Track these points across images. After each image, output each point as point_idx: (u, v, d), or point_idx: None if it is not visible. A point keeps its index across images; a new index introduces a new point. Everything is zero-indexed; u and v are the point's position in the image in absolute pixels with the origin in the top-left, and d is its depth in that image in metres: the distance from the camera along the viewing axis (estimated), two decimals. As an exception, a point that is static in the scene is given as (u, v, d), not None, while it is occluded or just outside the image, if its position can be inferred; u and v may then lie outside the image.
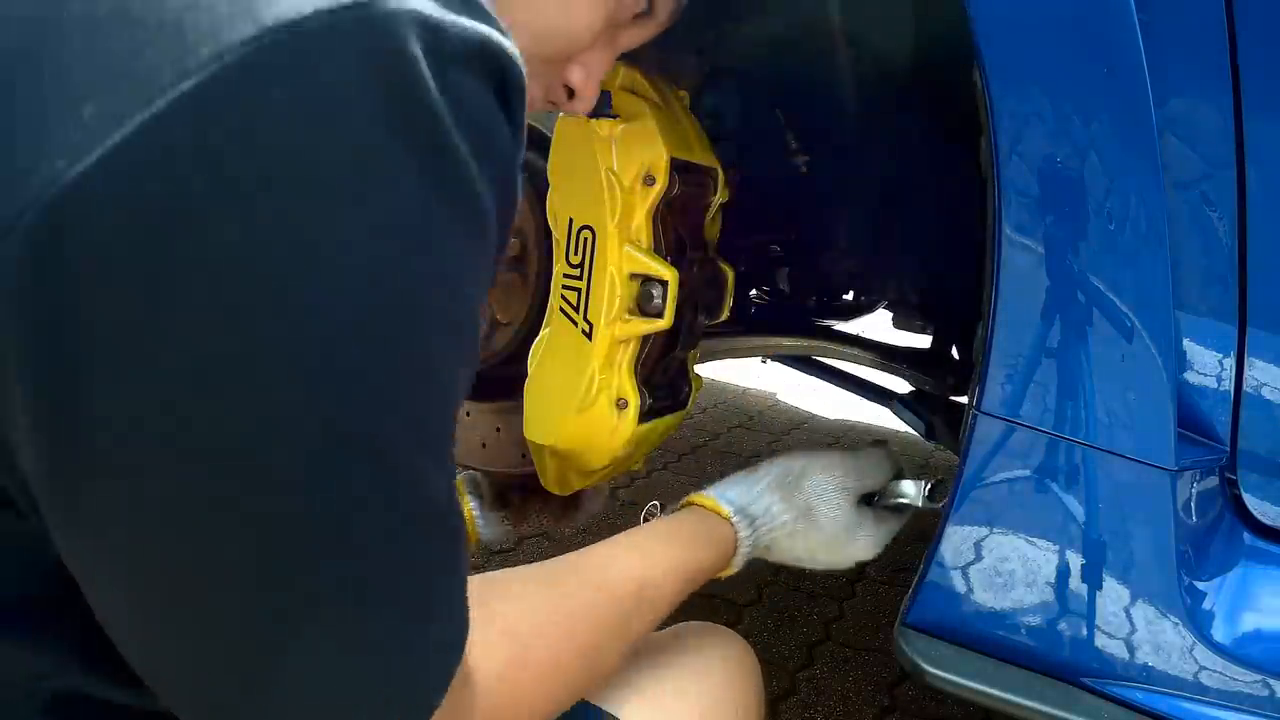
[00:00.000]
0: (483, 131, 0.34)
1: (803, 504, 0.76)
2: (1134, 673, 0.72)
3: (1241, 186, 0.70)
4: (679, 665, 0.69)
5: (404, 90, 0.31)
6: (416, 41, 0.31)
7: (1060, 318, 0.69)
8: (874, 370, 1.36)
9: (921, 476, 0.80)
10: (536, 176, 0.86)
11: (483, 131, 0.34)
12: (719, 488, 0.77)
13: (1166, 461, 0.68)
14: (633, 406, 0.81)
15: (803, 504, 0.76)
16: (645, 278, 0.79)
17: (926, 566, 0.78)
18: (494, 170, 0.35)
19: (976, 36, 0.67)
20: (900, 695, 1.37)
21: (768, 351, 1.40)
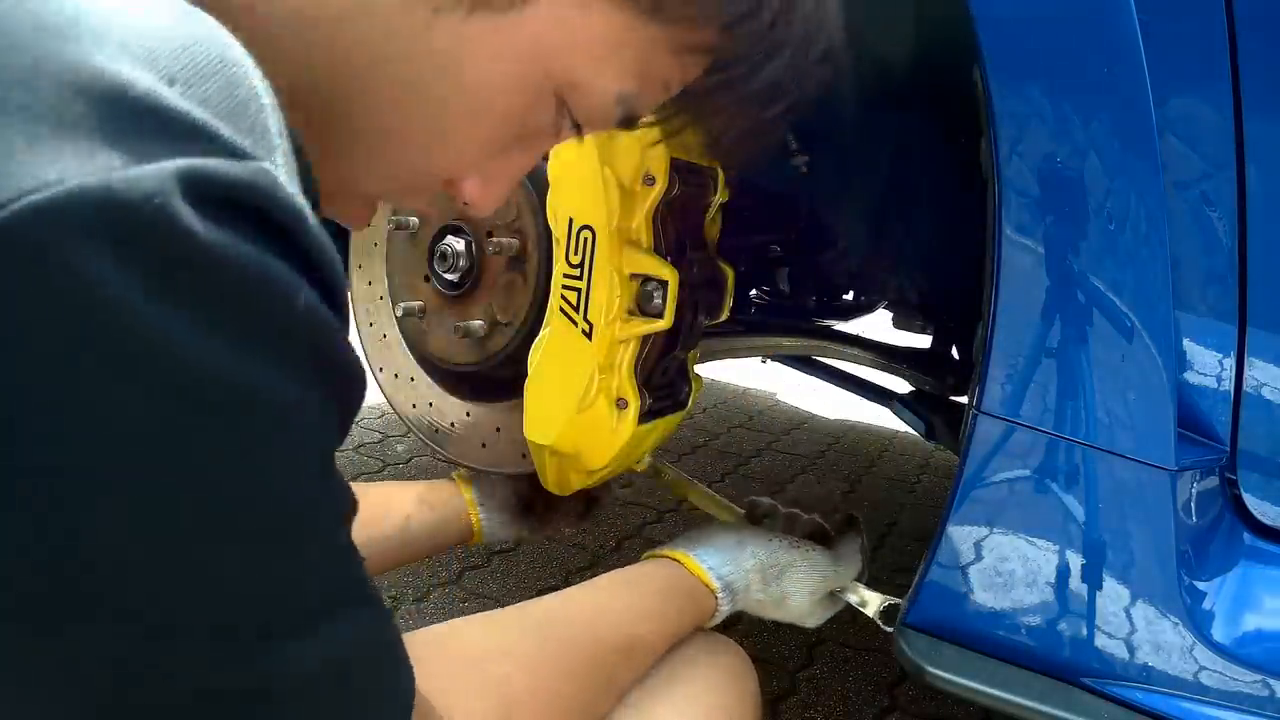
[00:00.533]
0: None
1: (778, 593, 0.82)
2: (1134, 673, 0.72)
3: (1241, 186, 0.70)
4: (672, 675, 0.69)
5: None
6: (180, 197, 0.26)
7: (1060, 318, 0.69)
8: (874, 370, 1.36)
9: (882, 590, 0.86)
10: (536, 176, 0.86)
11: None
12: (703, 552, 0.81)
13: (1166, 461, 0.68)
14: (633, 406, 0.81)
15: (778, 593, 0.82)
16: (645, 278, 0.79)
17: (926, 566, 0.78)
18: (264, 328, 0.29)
19: (978, 36, 0.67)
20: (900, 695, 1.37)
21: (768, 351, 1.40)
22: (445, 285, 0.92)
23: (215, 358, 0.27)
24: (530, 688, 0.54)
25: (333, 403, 0.32)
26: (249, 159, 0.28)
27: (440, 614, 1.46)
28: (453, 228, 0.91)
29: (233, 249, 0.27)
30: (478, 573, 1.61)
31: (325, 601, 0.33)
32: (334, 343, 0.31)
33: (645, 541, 1.81)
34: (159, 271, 0.26)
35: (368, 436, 2.30)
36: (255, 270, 0.27)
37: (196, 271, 0.26)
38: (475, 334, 0.89)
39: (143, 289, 0.25)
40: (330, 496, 0.34)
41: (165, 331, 0.26)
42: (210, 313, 0.27)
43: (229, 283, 0.27)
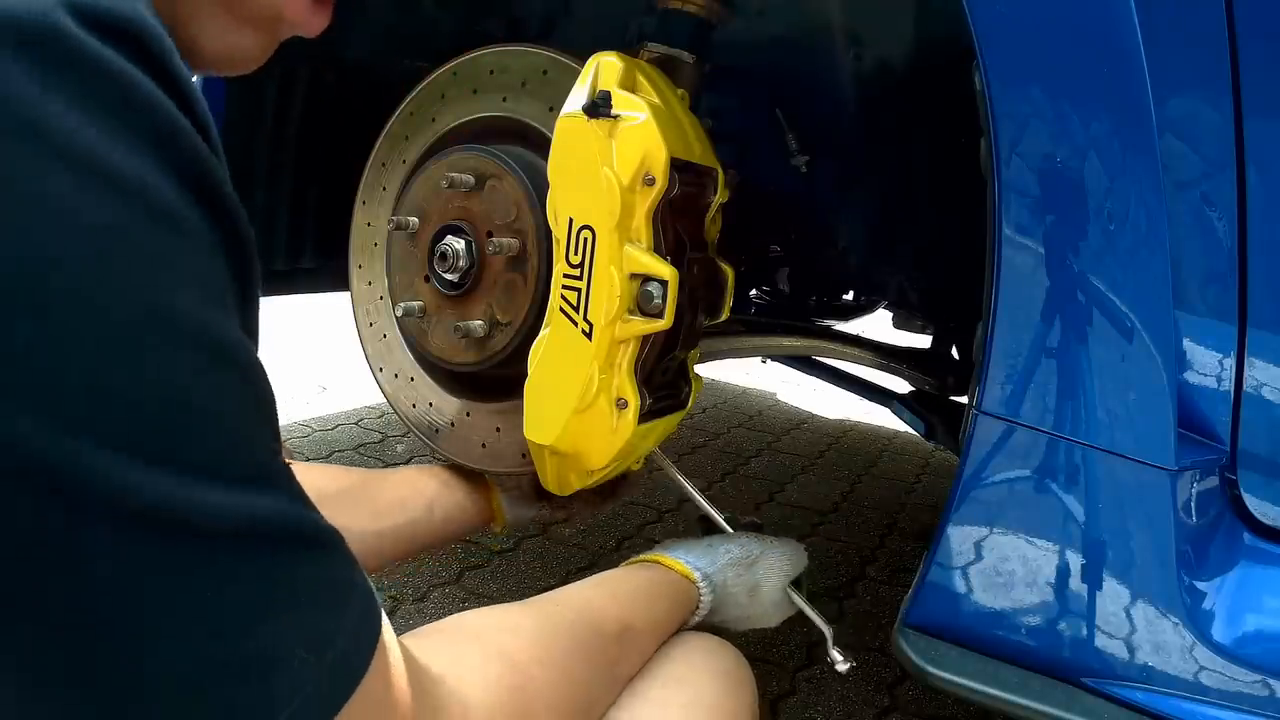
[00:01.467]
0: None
1: (752, 582, 0.87)
2: (1134, 673, 0.72)
3: (1241, 186, 0.70)
4: (670, 678, 0.69)
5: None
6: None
7: (1060, 318, 0.69)
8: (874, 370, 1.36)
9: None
10: (536, 176, 0.86)
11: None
12: (680, 553, 0.85)
13: (1166, 461, 0.68)
14: (633, 406, 0.81)
15: (752, 582, 0.87)
16: (645, 277, 0.79)
17: (926, 566, 0.78)
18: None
19: (976, 37, 0.67)
20: (900, 695, 1.37)
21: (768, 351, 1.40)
22: (445, 285, 0.92)
23: (102, 148, 0.29)
24: (537, 659, 0.54)
25: (217, 235, 0.33)
26: None
27: (440, 614, 1.46)
28: (453, 228, 0.91)
29: (112, 57, 0.30)
30: (478, 573, 1.61)
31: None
32: (213, 169, 0.32)
33: (645, 541, 1.81)
34: (51, 68, 0.28)
35: (368, 437, 2.30)
36: (132, 79, 0.30)
37: (77, 65, 0.29)
38: (475, 334, 0.89)
39: (37, 81, 0.28)
40: (223, 330, 0.32)
41: (53, 115, 0.28)
42: (88, 99, 0.29)
43: (107, 79, 0.29)
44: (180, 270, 0.31)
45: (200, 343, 0.31)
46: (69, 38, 0.28)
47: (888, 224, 1.39)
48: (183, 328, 0.31)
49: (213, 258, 0.33)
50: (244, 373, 0.33)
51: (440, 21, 1.32)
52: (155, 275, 0.30)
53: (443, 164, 0.92)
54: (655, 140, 0.77)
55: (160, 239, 0.30)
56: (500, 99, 0.94)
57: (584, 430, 0.82)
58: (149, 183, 0.30)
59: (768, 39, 1.15)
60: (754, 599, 0.88)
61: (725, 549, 0.88)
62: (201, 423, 0.31)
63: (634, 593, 0.74)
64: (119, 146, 0.29)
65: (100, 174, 0.29)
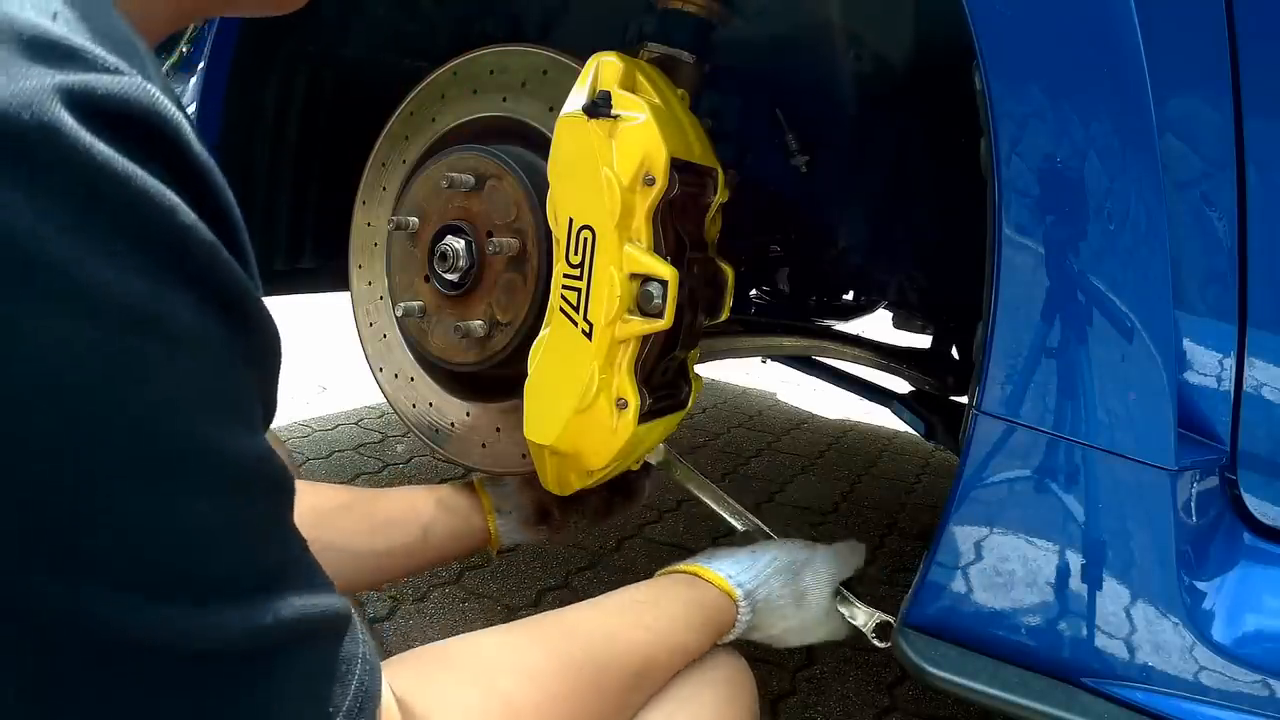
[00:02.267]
0: None
1: (799, 590, 0.84)
2: (1134, 673, 0.72)
3: (1241, 186, 0.70)
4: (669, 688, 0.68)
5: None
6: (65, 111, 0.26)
7: (1060, 318, 0.69)
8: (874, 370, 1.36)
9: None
10: (536, 176, 0.86)
11: None
12: (720, 564, 0.81)
13: (1166, 461, 0.68)
14: (633, 406, 0.81)
15: (799, 590, 0.84)
16: (645, 277, 0.79)
17: (926, 566, 0.78)
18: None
19: (976, 37, 0.67)
20: (900, 695, 1.37)
21: (768, 351, 1.40)
22: (445, 285, 0.92)
23: (107, 277, 0.26)
24: (536, 703, 0.53)
25: (239, 343, 0.31)
26: (126, 74, 0.28)
27: (440, 614, 1.46)
28: (453, 228, 0.91)
29: (114, 159, 0.26)
30: (478, 573, 1.61)
31: (254, 572, 0.32)
32: (232, 274, 0.30)
33: (645, 541, 1.81)
34: (43, 182, 0.25)
35: (368, 437, 2.30)
36: (139, 186, 0.27)
37: (76, 176, 0.26)
38: (475, 334, 0.89)
39: (23, 190, 0.25)
40: (239, 450, 0.31)
41: (41, 237, 0.25)
42: (89, 220, 0.26)
43: (110, 189, 0.26)
44: (198, 393, 0.29)
45: (216, 471, 0.30)
46: (65, 139, 0.25)
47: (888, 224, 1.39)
48: (199, 459, 0.30)
49: (234, 367, 0.31)
50: (267, 481, 0.33)
51: (440, 21, 1.32)
52: (171, 407, 0.28)
53: (443, 164, 0.92)
54: (655, 140, 0.77)
55: (179, 365, 0.29)
56: (500, 99, 0.94)
57: (584, 430, 0.82)
58: (163, 309, 0.28)
59: (768, 39, 1.15)
60: (801, 608, 0.84)
61: (771, 556, 0.84)
62: (216, 549, 0.31)
63: (664, 623, 0.70)
64: (127, 271, 0.27)
65: (107, 308, 0.26)
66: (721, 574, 0.79)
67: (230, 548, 0.31)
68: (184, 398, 0.29)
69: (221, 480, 0.31)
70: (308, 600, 0.35)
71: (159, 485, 0.28)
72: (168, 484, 0.29)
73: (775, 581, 0.82)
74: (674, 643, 0.69)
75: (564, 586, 1.58)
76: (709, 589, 0.78)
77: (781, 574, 0.83)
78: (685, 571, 0.80)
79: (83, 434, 0.26)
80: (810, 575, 0.85)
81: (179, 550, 0.29)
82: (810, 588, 0.84)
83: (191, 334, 0.29)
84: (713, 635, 0.75)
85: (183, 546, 0.29)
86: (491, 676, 0.52)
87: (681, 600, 0.75)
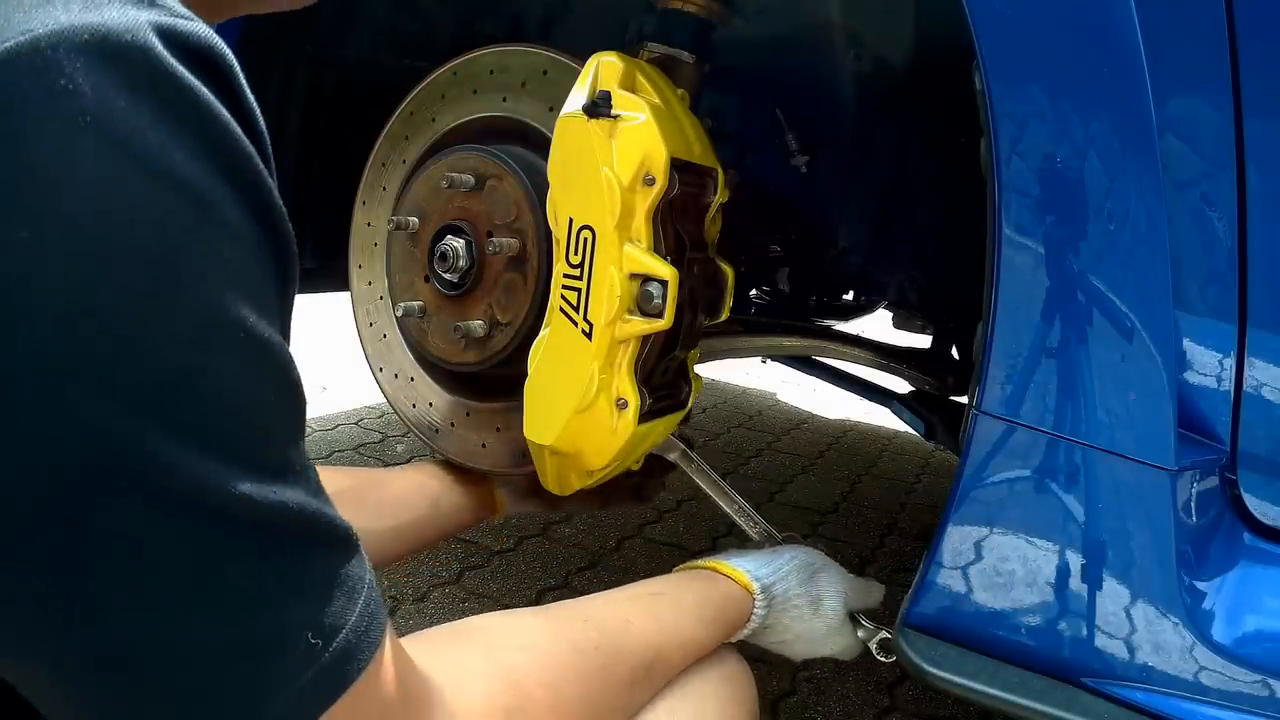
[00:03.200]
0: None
1: (815, 594, 0.84)
2: (1134, 673, 0.72)
3: (1241, 186, 0.70)
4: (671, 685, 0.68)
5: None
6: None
7: (1060, 318, 0.69)
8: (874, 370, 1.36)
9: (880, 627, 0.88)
10: (536, 176, 0.86)
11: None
12: (739, 560, 0.82)
13: (1166, 461, 0.68)
14: (632, 406, 0.81)
15: (815, 594, 0.84)
16: (645, 277, 0.79)
17: (926, 566, 0.78)
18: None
19: (976, 37, 0.67)
20: (900, 695, 1.37)
21: (768, 351, 1.40)
22: (445, 285, 0.92)
23: (180, 160, 0.31)
24: (544, 682, 0.53)
25: (270, 248, 0.36)
26: (197, 21, 0.34)
27: (440, 614, 1.46)
28: (453, 228, 0.91)
29: (192, 79, 0.32)
30: (477, 573, 1.61)
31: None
32: (267, 184, 0.35)
33: (645, 541, 1.81)
34: (141, 84, 0.30)
35: (368, 437, 2.30)
36: (207, 100, 0.33)
37: (164, 85, 0.31)
38: (475, 334, 0.89)
39: (127, 95, 0.30)
40: (264, 330, 0.34)
41: (139, 128, 0.30)
42: (170, 116, 0.31)
43: (188, 99, 0.32)
44: (235, 273, 0.33)
45: (245, 341, 0.33)
46: (157, 58, 0.31)
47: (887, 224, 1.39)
48: (231, 325, 0.33)
49: (262, 263, 0.35)
50: (281, 371, 0.36)
51: (440, 21, 1.32)
52: (215, 277, 0.32)
53: (443, 164, 0.92)
54: (655, 140, 0.77)
55: (221, 244, 0.33)
56: (500, 99, 0.94)
57: (584, 430, 0.82)
58: (217, 196, 0.33)
59: (768, 39, 1.15)
60: (817, 613, 0.83)
61: (789, 555, 0.85)
62: (241, 415, 0.33)
63: (679, 616, 0.70)
64: (194, 160, 0.32)
65: (177, 185, 0.31)
66: (740, 569, 0.80)
67: (252, 420, 0.34)
68: (227, 275, 0.33)
69: (247, 349, 0.34)
70: (321, 505, 0.37)
71: (196, 339, 0.32)
72: (203, 340, 0.32)
73: (793, 579, 0.82)
74: (685, 637, 0.69)
75: (564, 586, 1.58)
76: (725, 583, 0.78)
77: (800, 572, 0.83)
78: (703, 567, 0.81)
79: (135, 285, 0.30)
80: (827, 582, 0.85)
81: (209, 405, 0.32)
82: (826, 594, 0.84)
83: (237, 229, 0.34)
84: (726, 631, 0.75)
85: (212, 403, 0.32)
86: (501, 652, 0.53)
87: (696, 595, 0.75)
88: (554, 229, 0.81)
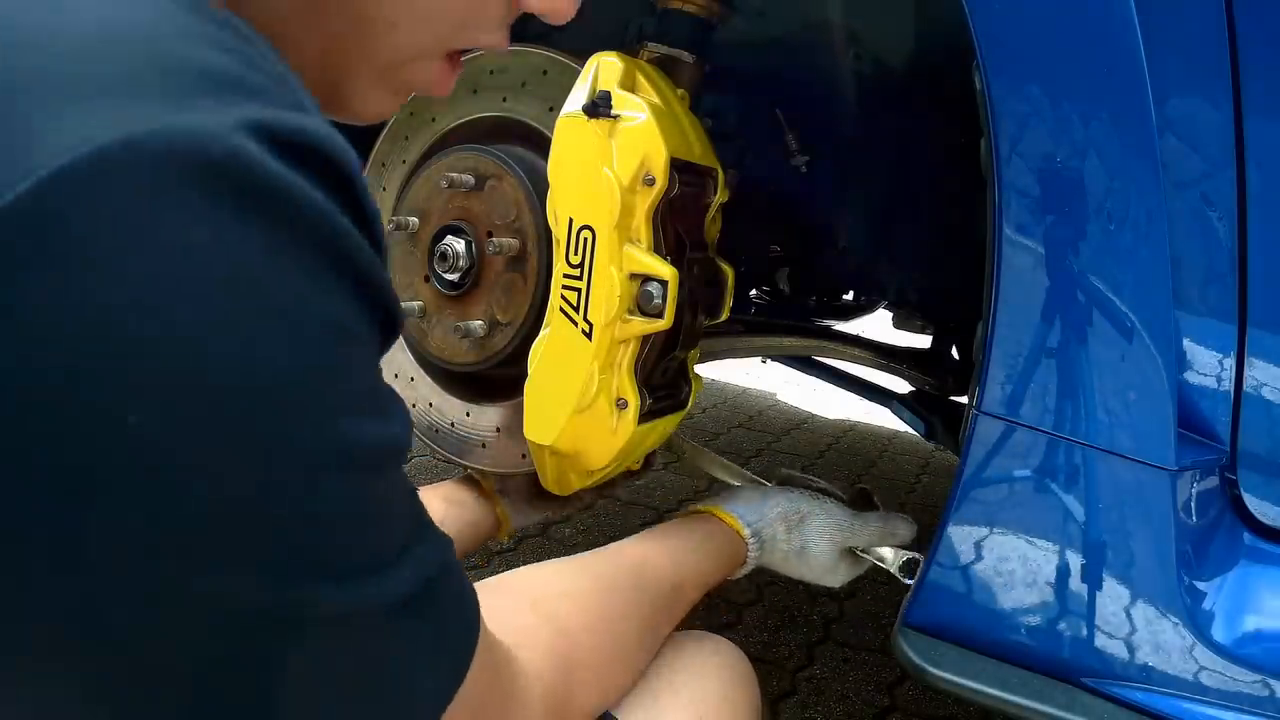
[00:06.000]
0: None
1: (799, 542, 0.87)
2: (1134, 673, 0.72)
3: (1241, 186, 0.70)
4: (674, 677, 0.69)
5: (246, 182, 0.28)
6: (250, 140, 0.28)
7: (1060, 318, 0.69)
8: (874, 370, 1.36)
9: (906, 547, 0.90)
10: (536, 176, 0.86)
11: None
12: (732, 505, 0.87)
13: (1166, 461, 0.68)
14: (633, 407, 0.81)
15: (799, 542, 0.87)
16: (645, 277, 0.79)
17: (926, 566, 0.78)
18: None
19: (976, 37, 0.67)
20: (900, 695, 1.37)
21: (768, 351, 1.40)
22: (445, 285, 0.92)
23: (305, 293, 0.29)
24: (586, 626, 0.57)
25: (376, 345, 0.35)
26: (304, 110, 0.30)
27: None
28: (453, 228, 0.91)
29: (304, 186, 0.29)
30: (477, 573, 1.61)
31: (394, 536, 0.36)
32: (388, 289, 0.34)
33: (645, 541, 1.81)
34: (246, 206, 0.27)
35: (368, 436, 2.30)
36: (323, 211, 0.29)
37: (272, 201, 0.28)
38: (475, 334, 0.89)
39: (234, 223, 0.27)
40: (377, 437, 0.35)
41: (242, 249, 0.27)
42: (286, 240, 0.28)
43: (303, 215, 0.29)
44: (354, 389, 0.32)
45: (362, 461, 0.33)
46: (259, 169, 0.27)
47: (888, 223, 1.39)
48: (353, 453, 0.32)
49: (375, 360, 0.35)
50: (400, 470, 0.37)
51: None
52: (338, 406, 0.31)
53: (442, 164, 0.92)
54: (655, 140, 0.77)
55: (347, 366, 0.32)
56: (500, 99, 0.94)
57: (584, 430, 0.82)
58: (348, 324, 0.31)
59: (768, 39, 1.15)
60: (803, 560, 0.88)
61: (775, 501, 0.89)
62: (364, 529, 0.34)
63: (688, 551, 0.77)
64: (319, 287, 0.30)
65: (305, 318, 0.29)
66: (733, 514, 0.85)
67: (375, 529, 0.35)
68: (346, 394, 0.32)
69: (367, 468, 0.34)
70: (430, 555, 0.38)
71: (321, 476, 0.31)
72: (328, 475, 0.31)
73: (779, 526, 0.87)
74: (695, 570, 0.75)
75: (564, 586, 1.57)
76: (722, 525, 0.85)
77: (784, 520, 0.87)
78: (702, 511, 0.87)
79: (282, 433, 0.29)
80: (814, 531, 0.87)
81: (356, 543, 0.33)
82: (812, 542, 0.87)
83: (360, 338, 0.33)
84: (728, 568, 0.82)
85: (358, 535, 0.33)
86: (546, 603, 0.57)
87: (700, 534, 0.81)
88: (554, 229, 0.81)
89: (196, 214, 0.26)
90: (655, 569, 0.71)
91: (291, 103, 0.31)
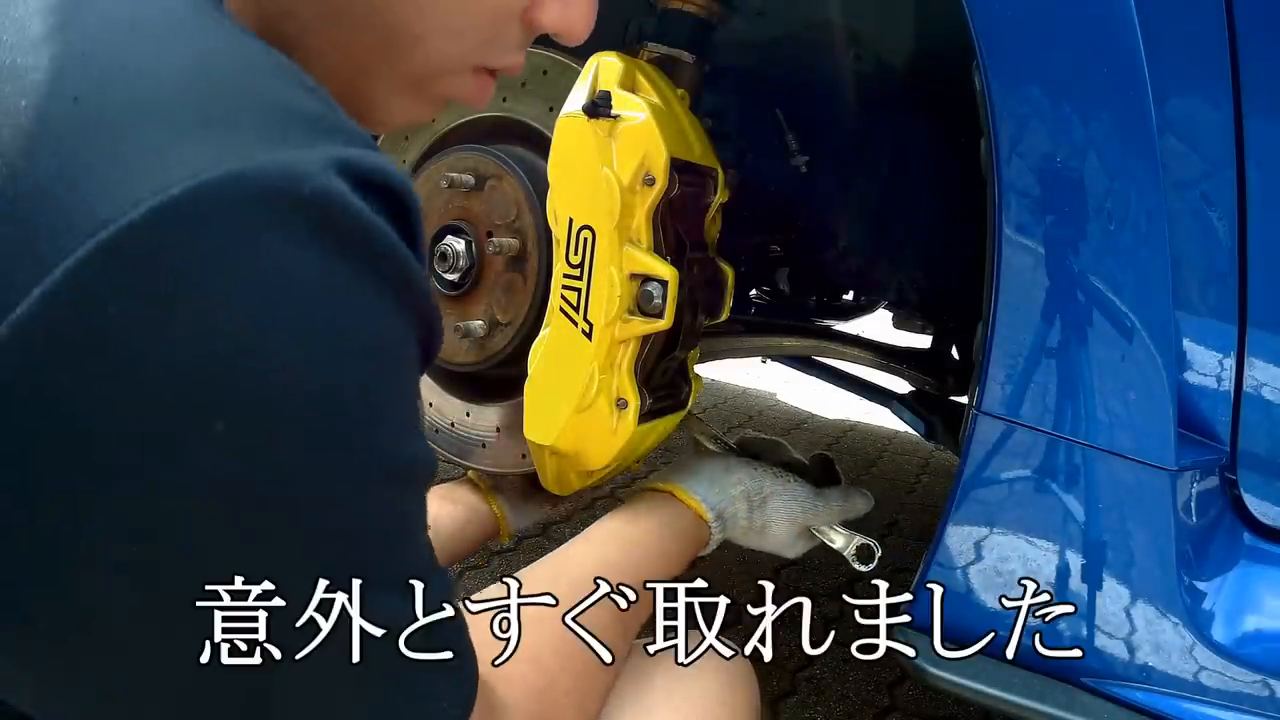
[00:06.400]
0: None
1: (760, 522, 0.87)
2: (1134, 673, 0.72)
3: (1241, 186, 0.70)
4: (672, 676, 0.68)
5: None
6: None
7: (1060, 318, 0.69)
8: (874, 370, 1.36)
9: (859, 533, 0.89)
10: (536, 176, 0.86)
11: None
12: (693, 483, 0.86)
13: (1166, 461, 0.68)
14: (632, 407, 0.81)
15: (760, 522, 0.87)
16: (645, 278, 0.79)
17: (926, 566, 0.78)
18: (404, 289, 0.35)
19: (976, 37, 0.67)
20: (900, 695, 1.37)
21: (768, 351, 1.40)
22: (445, 285, 0.92)
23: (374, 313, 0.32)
24: (557, 650, 0.56)
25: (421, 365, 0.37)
26: (374, 149, 0.33)
27: (440, 614, 1.46)
28: (453, 228, 0.91)
29: (379, 222, 0.32)
30: (477, 573, 1.61)
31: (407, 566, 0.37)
32: (435, 312, 0.37)
33: (645, 541, 1.81)
34: (334, 241, 0.30)
35: (368, 436, 2.30)
36: (395, 246, 0.32)
37: (355, 236, 0.31)
38: (475, 334, 0.89)
39: (315, 249, 0.29)
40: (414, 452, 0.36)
41: (333, 279, 0.30)
42: (365, 269, 0.31)
43: (380, 248, 0.32)
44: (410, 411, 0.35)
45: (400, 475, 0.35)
46: (349, 207, 0.30)
47: (888, 223, 1.39)
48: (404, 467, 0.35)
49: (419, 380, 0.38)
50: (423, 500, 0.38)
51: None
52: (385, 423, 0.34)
53: (442, 164, 0.92)
54: (655, 140, 0.77)
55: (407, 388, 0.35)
56: (500, 99, 0.94)
57: (584, 430, 0.82)
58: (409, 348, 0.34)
59: (768, 39, 1.15)
60: (763, 537, 0.88)
61: (739, 479, 0.88)
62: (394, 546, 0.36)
63: (650, 548, 0.76)
64: (389, 313, 0.33)
65: (379, 349, 0.32)
66: (695, 496, 0.84)
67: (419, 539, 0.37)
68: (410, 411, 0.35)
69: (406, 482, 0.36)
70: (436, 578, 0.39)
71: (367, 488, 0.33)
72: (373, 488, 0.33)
73: (741, 506, 0.86)
74: (662, 567, 0.76)
75: (564, 586, 1.57)
76: (683, 508, 0.83)
77: (746, 499, 0.86)
78: (661, 489, 0.85)
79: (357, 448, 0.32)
80: (776, 511, 0.87)
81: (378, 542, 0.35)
82: (773, 522, 0.87)
83: (412, 360, 0.35)
84: (691, 551, 0.82)
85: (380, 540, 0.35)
86: None
87: (659, 521, 0.80)
88: (554, 229, 0.81)
89: (298, 246, 0.29)
90: (620, 575, 0.69)
91: (364, 140, 0.33)
